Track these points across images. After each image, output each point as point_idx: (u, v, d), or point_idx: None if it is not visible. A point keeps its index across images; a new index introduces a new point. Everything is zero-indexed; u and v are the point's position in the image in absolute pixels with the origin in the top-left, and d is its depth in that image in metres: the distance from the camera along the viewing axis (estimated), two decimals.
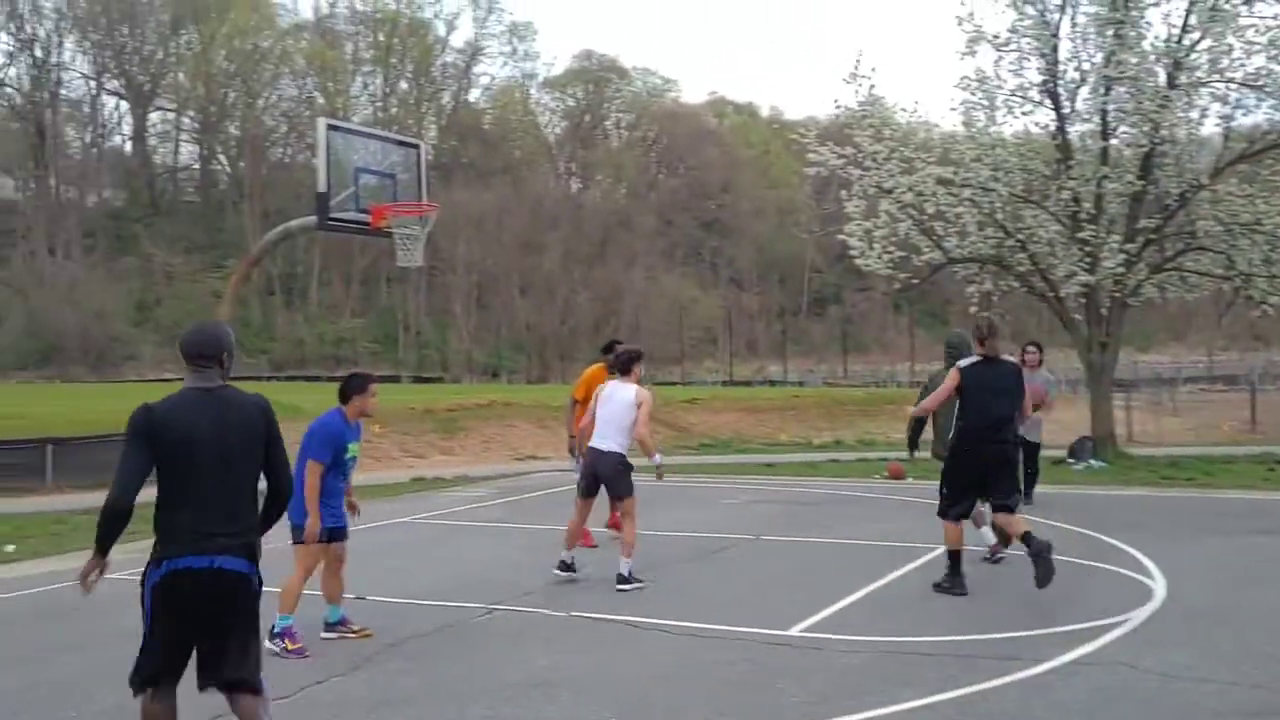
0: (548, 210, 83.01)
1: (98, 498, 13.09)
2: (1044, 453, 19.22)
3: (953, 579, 7.97)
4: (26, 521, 12.78)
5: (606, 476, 8.37)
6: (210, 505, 4.26)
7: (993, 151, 17.72)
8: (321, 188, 10.28)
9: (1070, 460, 17.52)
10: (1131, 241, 17.50)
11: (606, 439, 8.30)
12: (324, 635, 6.96)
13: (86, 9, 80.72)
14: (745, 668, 6.07)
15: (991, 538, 9.16)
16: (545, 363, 70.94)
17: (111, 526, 4.29)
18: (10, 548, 10.98)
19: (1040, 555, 7.44)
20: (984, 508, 8.58)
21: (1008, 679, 5.74)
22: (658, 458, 8.41)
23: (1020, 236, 18.20)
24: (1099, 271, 17.43)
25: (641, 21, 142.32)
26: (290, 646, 6.61)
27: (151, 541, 4.43)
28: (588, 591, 8.20)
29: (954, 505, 8.07)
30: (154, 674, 4.41)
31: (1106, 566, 8.86)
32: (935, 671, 5.91)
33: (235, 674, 4.34)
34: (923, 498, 13.90)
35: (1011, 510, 7.90)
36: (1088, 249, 17.45)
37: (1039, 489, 14.64)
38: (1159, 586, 8.00)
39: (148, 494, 4.35)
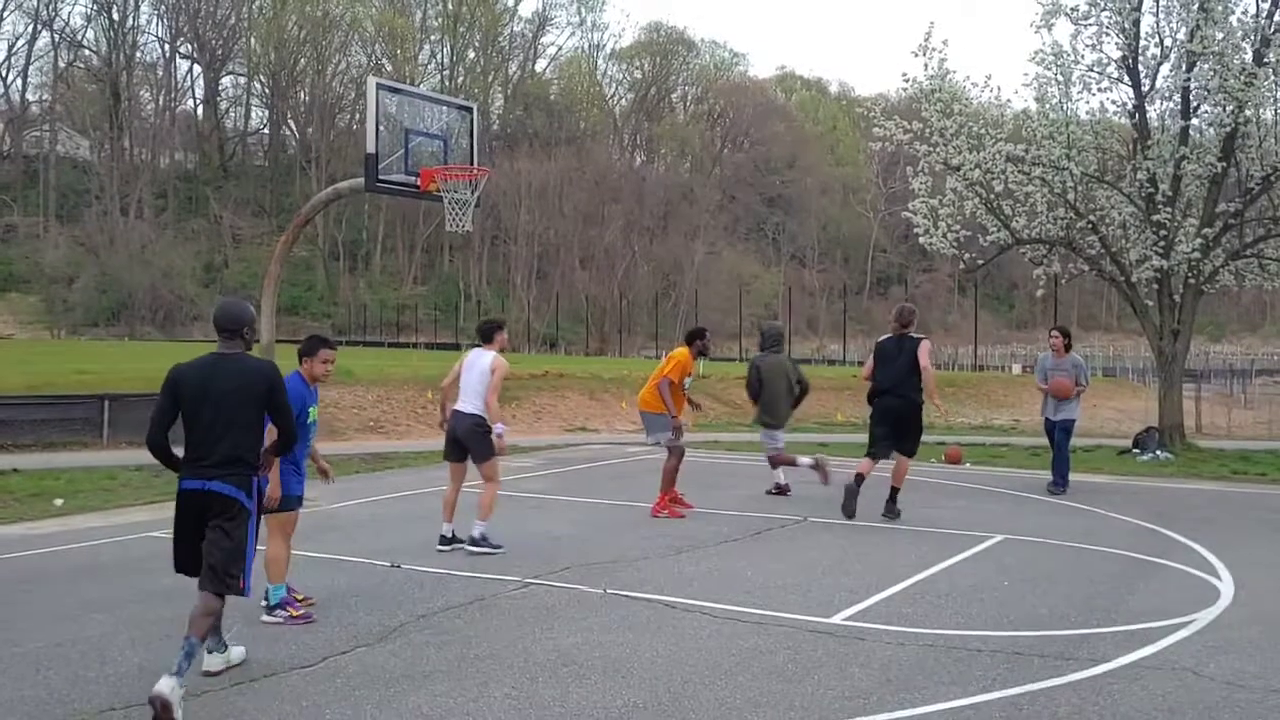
0: (610, 182, 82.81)
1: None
2: (1109, 442, 18.93)
3: (848, 500, 10.41)
4: (80, 476, 12.87)
5: (464, 437, 8.50)
6: (208, 443, 5.28)
7: (1066, 129, 17.10)
8: (370, 149, 10.11)
9: (1135, 451, 16.96)
10: (1209, 226, 16.83)
11: (466, 403, 8.50)
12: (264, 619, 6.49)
13: None
14: (784, 656, 5.82)
15: (782, 479, 12.13)
16: (603, 335, 70.88)
17: (157, 458, 5.38)
18: (59, 501, 11.05)
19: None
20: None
21: (1061, 680, 5.43)
22: (499, 427, 8.44)
23: (1092, 218, 17.59)
24: (1173, 256, 16.80)
25: None
26: (294, 614, 6.47)
27: None
28: (625, 570, 7.99)
29: (871, 446, 10.69)
30: (178, 565, 5.43)
31: (1171, 564, 8.46)
32: (984, 669, 5.61)
33: (207, 577, 5.22)
34: (980, 483, 13.55)
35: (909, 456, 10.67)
36: (1163, 232, 16.81)
37: (1104, 479, 14.25)
38: (1226, 587, 7.60)
39: None
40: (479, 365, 8.50)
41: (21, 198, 76.29)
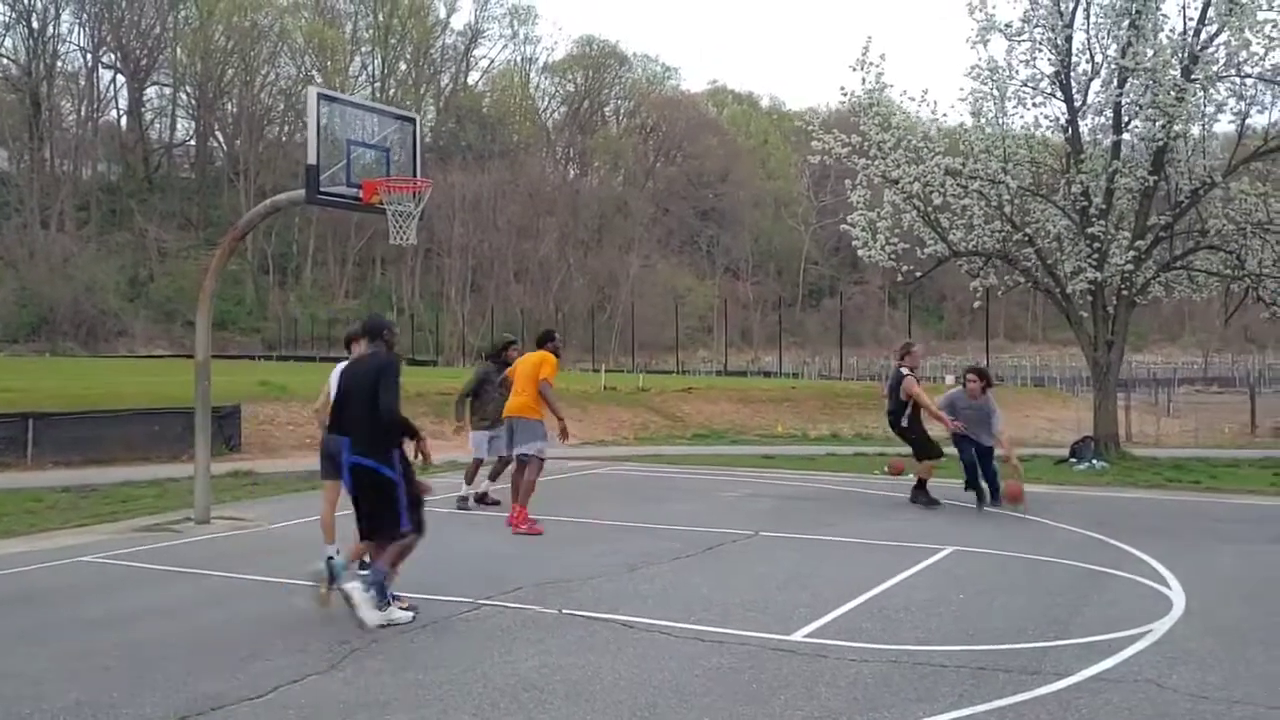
0: (544, 195, 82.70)
1: (79, 474, 12.87)
2: (1045, 452, 19.18)
3: None
4: (4, 498, 12.40)
5: (337, 450, 8.14)
6: (355, 425, 6.74)
7: (1002, 143, 17.35)
8: (311, 160, 9.84)
9: (1072, 460, 17.20)
10: (1141, 238, 17.16)
11: None
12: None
13: None
14: (749, 676, 5.71)
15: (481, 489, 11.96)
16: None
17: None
18: None
19: None
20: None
21: (1029, 695, 5.38)
22: None
23: (1028, 231, 17.86)
24: (1107, 268, 17.09)
25: (643, 8, 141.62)
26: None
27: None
28: (580, 588, 7.83)
29: None
30: (359, 529, 6.90)
31: (1122, 574, 8.51)
32: (950, 685, 5.55)
33: (370, 530, 6.84)
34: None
35: None
36: (1096, 245, 17.11)
37: (1044, 488, 14.40)
38: (1178, 597, 7.65)
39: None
40: None
41: None
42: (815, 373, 53.39)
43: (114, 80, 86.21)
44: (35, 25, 79.17)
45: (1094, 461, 16.87)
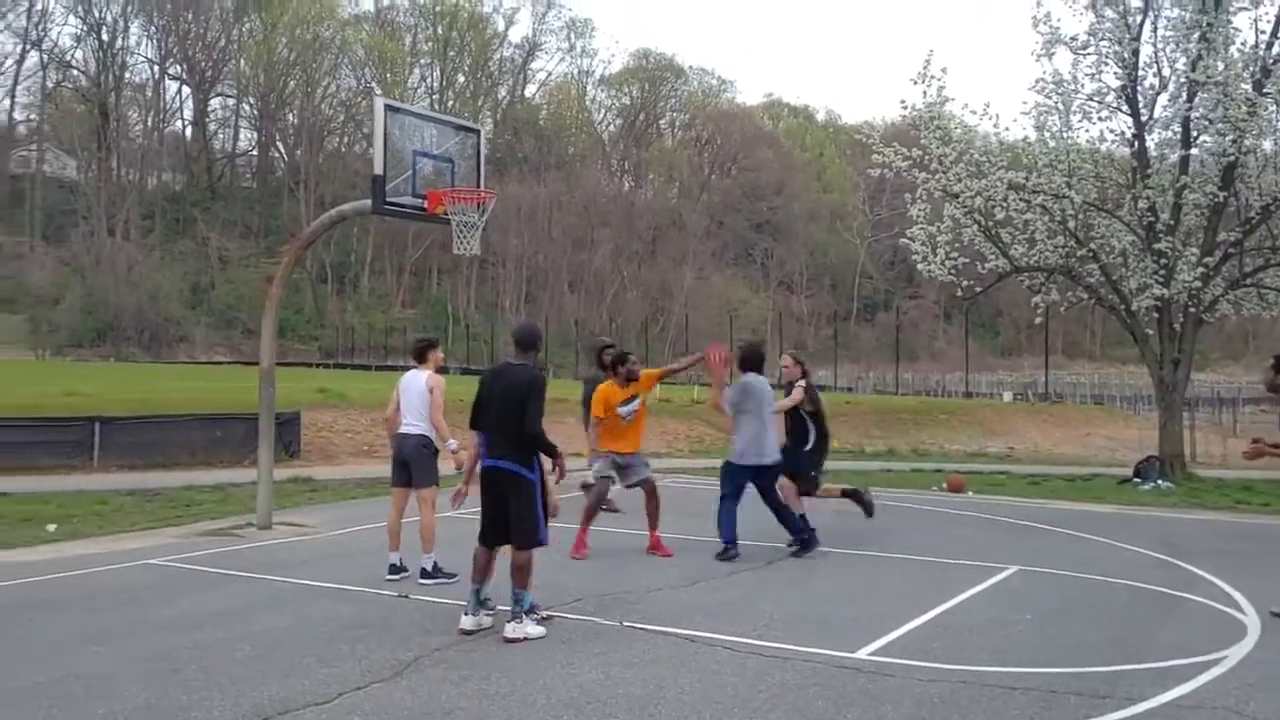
0: (599, 207, 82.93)
1: (144, 478, 13.01)
2: (1107, 471, 18.87)
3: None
4: (70, 500, 12.64)
5: (410, 458, 8.41)
6: (498, 431, 6.84)
7: (1066, 157, 17.10)
8: (378, 170, 9.94)
9: (1136, 480, 16.89)
10: (1210, 255, 16.82)
11: (410, 424, 8.46)
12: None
13: None
14: (813, 693, 5.65)
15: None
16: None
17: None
18: (52, 527, 10.81)
19: None
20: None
21: None
22: (452, 444, 8.39)
23: (1092, 246, 17.58)
24: (1174, 285, 16.78)
25: (700, 21, 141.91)
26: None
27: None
28: (640, 601, 7.81)
29: None
30: (482, 532, 6.92)
31: (1193, 597, 8.32)
32: (1020, 708, 5.45)
33: (513, 537, 6.76)
34: (983, 512, 13.42)
35: None
36: (1163, 261, 16.80)
37: (1108, 509, 14.16)
38: (1251, 621, 7.47)
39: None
40: (415, 386, 8.45)
41: (7, 217, 75.82)
42: (870, 387, 52.92)
43: (180, 91, 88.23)
44: (105, 38, 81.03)
45: (1159, 482, 16.55)
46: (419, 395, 8.40)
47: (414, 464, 8.37)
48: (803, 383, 10.49)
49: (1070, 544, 11.10)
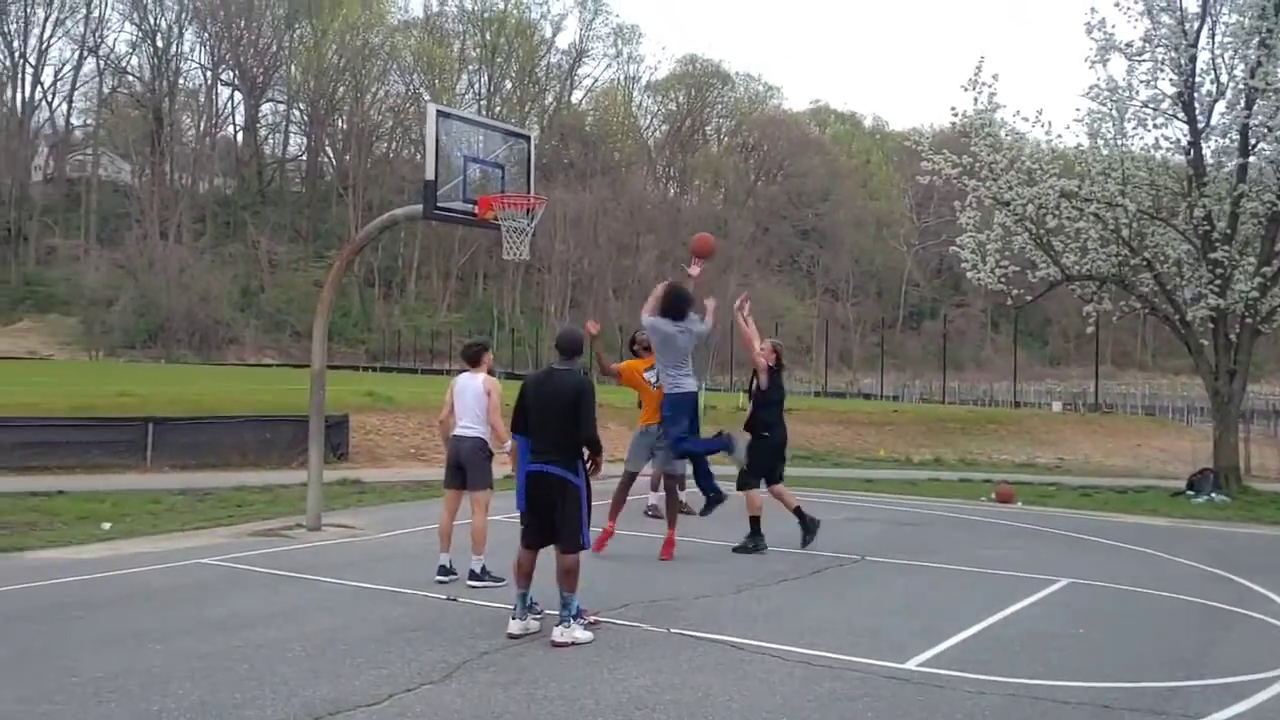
0: (645, 213, 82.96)
1: (195, 478, 13.19)
2: (1160, 484, 18.59)
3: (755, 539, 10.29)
4: (124, 499, 12.82)
5: (467, 460, 8.43)
6: (543, 436, 6.91)
7: (1121, 165, 16.87)
8: (430, 175, 10.02)
9: (1190, 492, 16.60)
10: (1268, 264, 16.50)
11: (466, 427, 8.45)
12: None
13: (207, 2, 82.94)
14: (864, 704, 5.60)
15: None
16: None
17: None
18: (106, 525, 10.97)
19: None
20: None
21: None
22: (508, 445, 8.22)
23: (1146, 255, 17.33)
24: (1230, 295, 16.50)
25: (748, 27, 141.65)
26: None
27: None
28: (688, 608, 7.79)
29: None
30: (524, 535, 6.98)
31: (1249, 613, 8.16)
32: None
33: (558, 541, 6.85)
34: (1032, 524, 13.26)
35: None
36: (1219, 271, 16.52)
37: (1162, 521, 13.96)
38: None
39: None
40: (471, 389, 8.47)
41: (63, 220, 77.28)
42: (916, 396, 52.53)
43: (231, 97, 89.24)
44: (160, 44, 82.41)
45: (1213, 495, 16.25)
46: (475, 398, 8.42)
47: (470, 466, 8.42)
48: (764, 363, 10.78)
49: (1123, 557, 10.94)
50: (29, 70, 78.51)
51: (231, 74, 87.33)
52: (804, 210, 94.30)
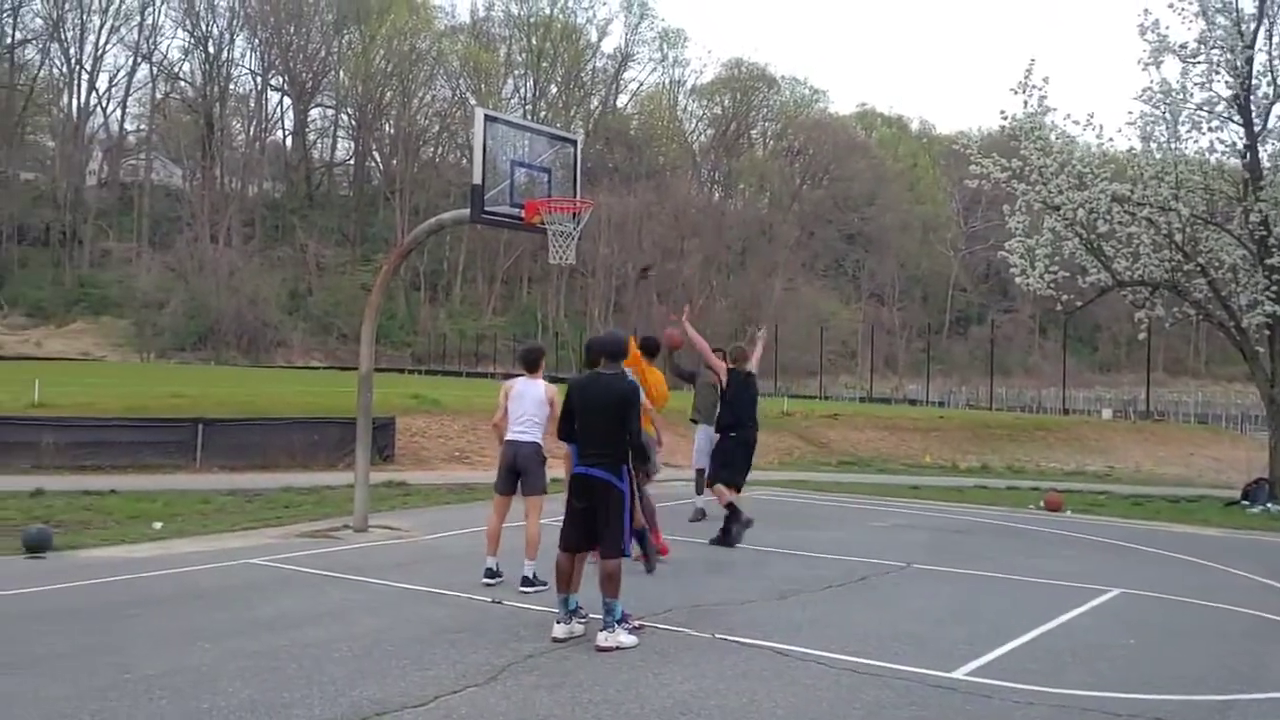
0: (689, 217, 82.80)
1: (244, 479, 13.36)
2: (1213, 493, 18.29)
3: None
4: (175, 499, 13.00)
5: (523, 465, 8.37)
6: (589, 440, 6.93)
7: (1174, 169, 16.62)
8: (477, 180, 10.08)
9: (1244, 502, 16.33)
10: None
11: (523, 432, 8.37)
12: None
13: (257, 8, 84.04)
14: (910, 713, 5.55)
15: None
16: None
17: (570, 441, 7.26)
18: (158, 525, 11.13)
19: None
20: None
21: None
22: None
23: (1200, 261, 17.05)
24: None
25: (793, 30, 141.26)
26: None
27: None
28: (732, 614, 7.76)
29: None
30: (565, 538, 6.95)
31: None
32: None
33: (601, 544, 6.87)
34: (1082, 533, 13.08)
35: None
36: (1276, 276, 16.23)
37: (1215, 532, 13.73)
38: None
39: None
40: (531, 394, 8.39)
41: (117, 224, 78.58)
42: (963, 402, 52.08)
43: (281, 102, 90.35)
44: (211, 50, 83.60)
45: (1269, 505, 15.98)
46: (536, 404, 8.31)
47: (526, 471, 8.38)
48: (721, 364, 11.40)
49: (1175, 567, 10.77)
50: (85, 77, 79.99)
51: (281, 79, 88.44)
52: (849, 214, 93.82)
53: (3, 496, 12.24)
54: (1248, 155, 16.89)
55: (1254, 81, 16.85)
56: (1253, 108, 16.89)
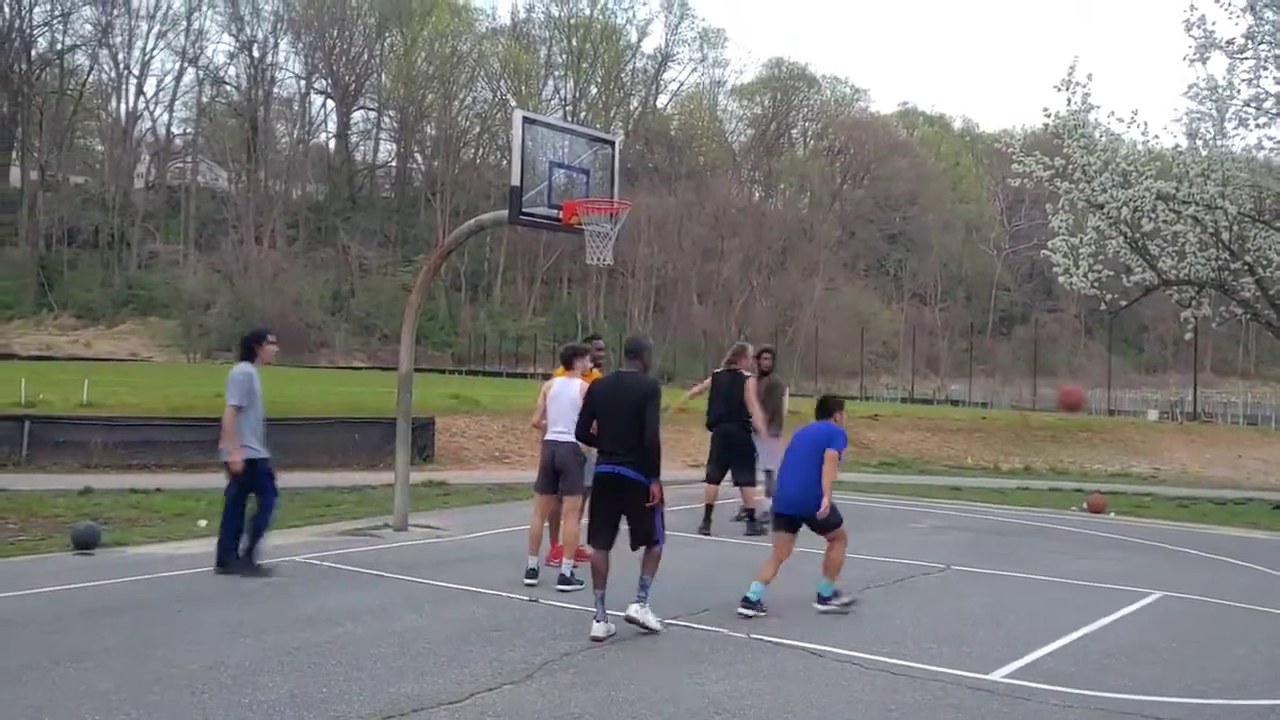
0: (729, 218, 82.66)
1: (286, 478, 13.37)
2: (1261, 495, 18.00)
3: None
4: (219, 498, 13.08)
5: (561, 464, 8.43)
6: (613, 439, 7.00)
7: (1221, 166, 16.39)
8: (515, 181, 10.14)
9: None
10: None
11: (562, 431, 8.41)
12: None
13: (301, 12, 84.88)
14: (947, 715, 5.53)
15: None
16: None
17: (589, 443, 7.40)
18: (202, 523, 11.28)
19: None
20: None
21: None
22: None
23: (1248, 259, 16.80)
24: None
25: (834, 29, 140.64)
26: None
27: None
28: (768, 614, 7.75)
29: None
30: (595, 536, 7.08)
31: None
32: None
33: (636, 538, 7.05)
34: (1125, 535, 12.94)
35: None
36: None
37: (1263, 535, 13.54)
38: None
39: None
40: (567, 393, 8.44)
41: (164, 226, 79.63)
42: (1006, 403, 51.57)
43: (324, 105, 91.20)
44: (256, 54, 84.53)
45: None
46: (571, 404, 8.29)
47: (564, 471, 8.44)
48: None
49: (1221, 570, 10.63)
50: (133, 81, 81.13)
51: (324, 82, 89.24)
52: (891, 214, 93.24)
53: (53, 494, 12.47)
54: None
55: None
56: None
